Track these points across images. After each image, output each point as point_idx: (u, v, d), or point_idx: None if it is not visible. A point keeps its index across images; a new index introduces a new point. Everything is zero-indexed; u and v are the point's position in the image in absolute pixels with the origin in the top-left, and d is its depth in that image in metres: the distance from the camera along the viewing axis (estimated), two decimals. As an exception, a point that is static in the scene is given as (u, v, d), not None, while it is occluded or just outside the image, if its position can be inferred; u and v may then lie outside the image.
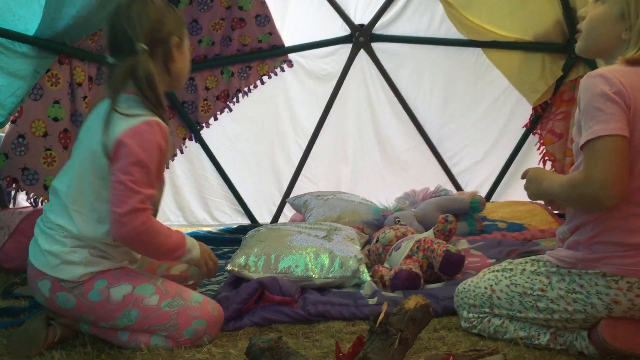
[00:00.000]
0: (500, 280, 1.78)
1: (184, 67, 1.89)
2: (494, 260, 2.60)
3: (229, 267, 2.32)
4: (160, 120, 1.73)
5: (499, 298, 1.77)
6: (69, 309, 1.74)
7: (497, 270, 1.83)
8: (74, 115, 2.98)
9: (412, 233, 2.74)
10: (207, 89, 3.63)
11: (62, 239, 1.72)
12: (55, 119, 2.92)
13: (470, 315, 1.86)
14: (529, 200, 3.62)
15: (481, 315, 1.83)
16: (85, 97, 3.01)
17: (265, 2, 3.50)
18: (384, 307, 1.21)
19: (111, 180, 1.68)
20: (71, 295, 1.71)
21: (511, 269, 1.78)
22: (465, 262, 2.45)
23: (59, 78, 2.91)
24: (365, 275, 2.32)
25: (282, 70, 3.75)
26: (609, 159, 1.49)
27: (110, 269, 1.76)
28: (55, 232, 1.73)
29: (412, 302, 1.23)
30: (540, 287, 1.68)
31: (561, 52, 3.53)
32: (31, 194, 2.90)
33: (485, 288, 1.82)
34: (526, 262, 1.77)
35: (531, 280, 1.71)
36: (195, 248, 1.87)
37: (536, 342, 1.71)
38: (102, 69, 3.14)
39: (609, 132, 1.50)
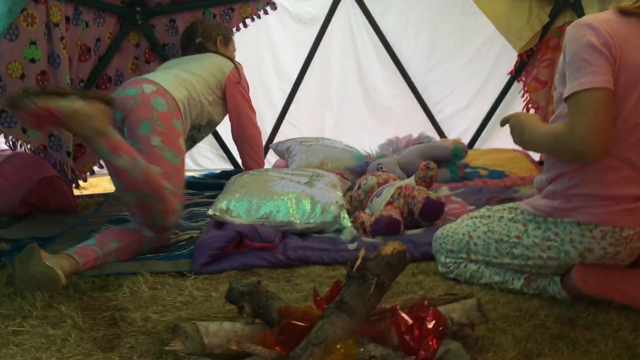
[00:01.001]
0: (478, 227, 1.81)
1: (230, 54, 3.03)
2: (473, 207, 2.63)
3: (210, 212, 2.33)
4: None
5: (475, 244, 1.81)
6: (156, 110, 2.22)
7: (475, 217, 1.86)
8: (51, 57, 2.90)
9: (394, 180, 2.76)
10: None
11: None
12: (32, 60, 2.84)
13: (448, 260, 1.89)
14: (511, 147, 3.69)
15: (458, 260, 1.86)
16: (62, 38, 2.92)
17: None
18: (361, 253, 1.23)
19: (236, 91, 2.83)
20: (166, 103, 2.27)
21: (489, 216, 1.81)
22: (446, 208, 2.48)
23: (35, 18, 2.82)
24: (346, 221, 2.35)
25: (266, 13, 3.65)
26: (594, 113, 1.49)
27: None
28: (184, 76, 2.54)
29: (389, 248, 1.24)
30: (516, 235, 1.71)
31: (549, -2, 3.49)
32: (9, 137, 2.85)
33: (463, 234, 1.85)
34: (504, 210, 1.80)
35: (508, 227, 1.74)
36: None
37: (510, 286, 1.76)
38: (79, 9, 3.05)
39: (595, 85, 1.50)
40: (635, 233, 1.59)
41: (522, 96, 3.73)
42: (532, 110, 3.67)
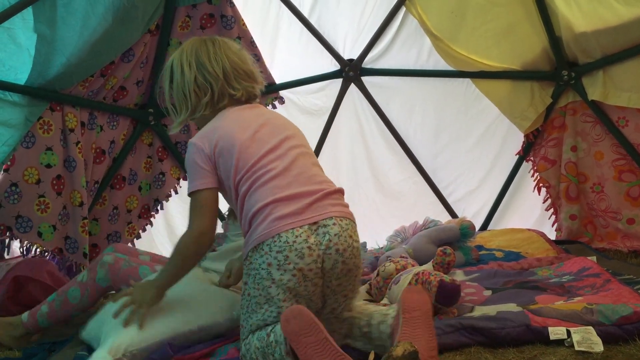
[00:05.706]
0: None
1: None
2: (490, 291, 2.59)
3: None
4: None
5: None
6: None
7: None
8: (67, 161, 2.99)
9: (413, 265, 2.73)
10: (199, 128, 3.63)
11: None
12: (48, 166, 2.93)
13: None
14: (525, 227, 3.66)
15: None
16: (77, 142, 3.02)
17: (254, 41, 3.53)
18: (371, 357, 1.21)
19: None
20: None
21: None
22: (462, 293, 2.43)
23: (51, 125, 2.93)
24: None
25: (274, 107, 3.76)
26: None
27: None
28: None
29: (400, 349, 1.21)
30: None
31: (549, 80, 3.56)
32: (24, 242, 2.88)
33: None
34: None
35: None
36: None
37: None
38: (94, 114, 3.16)
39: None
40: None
41: (532, 175, 3.74)
42: (542, 190, 3.67)
